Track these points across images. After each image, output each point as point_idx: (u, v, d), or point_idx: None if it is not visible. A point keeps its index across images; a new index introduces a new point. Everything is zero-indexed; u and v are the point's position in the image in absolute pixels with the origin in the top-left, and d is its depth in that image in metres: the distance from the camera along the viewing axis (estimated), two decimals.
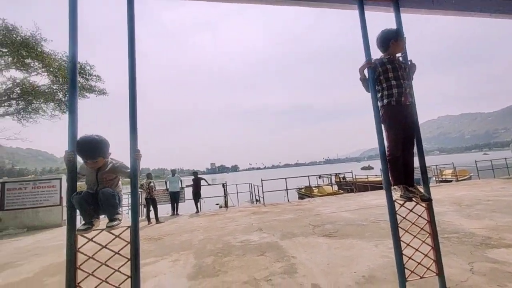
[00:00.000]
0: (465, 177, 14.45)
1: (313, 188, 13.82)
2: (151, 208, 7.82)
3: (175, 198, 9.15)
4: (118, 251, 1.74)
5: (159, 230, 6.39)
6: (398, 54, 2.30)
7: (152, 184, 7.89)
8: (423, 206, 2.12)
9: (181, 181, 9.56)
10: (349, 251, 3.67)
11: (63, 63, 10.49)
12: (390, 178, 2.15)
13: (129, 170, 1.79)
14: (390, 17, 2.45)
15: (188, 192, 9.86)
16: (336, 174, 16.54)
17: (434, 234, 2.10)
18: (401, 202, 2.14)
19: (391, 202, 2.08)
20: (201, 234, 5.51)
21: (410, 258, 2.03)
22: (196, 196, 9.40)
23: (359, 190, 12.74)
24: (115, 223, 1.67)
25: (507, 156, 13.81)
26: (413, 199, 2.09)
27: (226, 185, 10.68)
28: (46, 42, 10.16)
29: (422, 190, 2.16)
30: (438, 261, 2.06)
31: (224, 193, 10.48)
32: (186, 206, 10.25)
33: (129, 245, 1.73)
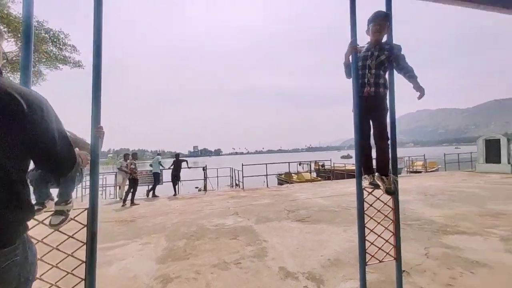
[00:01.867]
0: (433, 169, 15.40)
1: (293, 175, 14.11)
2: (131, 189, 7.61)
3: (156, 178, 9.02)
4: (73, 234, 1.64)
5: (133, 212, 6.25)
6: (384, 39, 2.17)
7: (133, 165, 7.62)
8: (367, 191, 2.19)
9: (160, 163, 9.35)
10: (319, 235, 3.80)
11: (35, 30, 9.52)
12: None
13: (88, 147, 1.64)
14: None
15: (167, 174, 9.68)
16: (315, 162, 16.96)
17: (396, 221, 2.18)
18: (370, 190, 2.20)
19: (359, 190, 2.12)
20: (176, 217, 5.46)
21: (372, 243, 2.12)
22: (175, 179, 9.26)
23: (336, 177, 13.19)
24: (64, 206, 1.55)
25: (474, 150, 14.84)
26: (381, 188, 2.15)
27: (206, 168, 10.60)
28: (14, 4, 9.13)
29: (390, 182, 2.20)
30: (397, 246, 2.17)
31: (204, 177, 10.42)
32: (165, 188, 10.12)
33: (85, 228, 1.63)
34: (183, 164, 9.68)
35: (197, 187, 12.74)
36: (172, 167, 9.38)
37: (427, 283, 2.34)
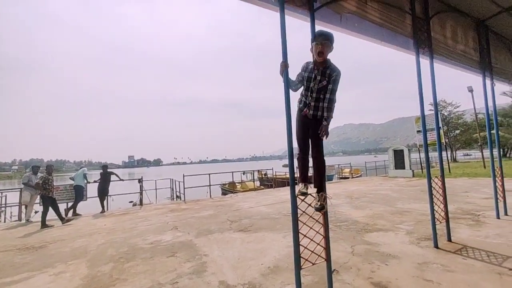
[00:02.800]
0: (358, 175, 17.73)
1: (236, 184, 14.14)
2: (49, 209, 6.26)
3: (79, 194, 7.73)
4: None
5: (44, 236, 5.15)
6: (334, 62, 2.20)
7: (45, 180, 6.28)
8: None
9: (85, 176, 8.06)
10: (260, 244, 3.86)
11: None
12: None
13: None
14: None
15: (93, 189, 8.39)
16: (259, 171, 17.45)
17: (325, 225, 2.39)
18: (302, 198, 2.35)
19: (293, 197, 2.25)
20: (103, 237, 4.74)
21: (305, 247, 2.25)
22: (102, 193, 8.10)
23: (278, 185, 13.82)
24: None
25: (386, 159, 17.82)
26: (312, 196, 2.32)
27: (142, 180, 9.66)
28: None
29: (321, 200, 2.30)
30: (327, 248, 2.36)
31: (140, 190, 9.45)
32: (91, 204, 8.73)
33: None
34: (113, 177, 8.59)
35: (131, 202, 11.45)
36: (99, 180, 8.20)
37: (353, 278, 2.61)
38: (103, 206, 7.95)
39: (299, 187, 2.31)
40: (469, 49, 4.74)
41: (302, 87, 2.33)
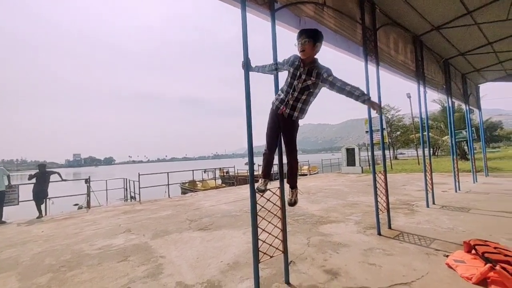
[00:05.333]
0: (315, 172, 18.83)
1: (197, 182, 13.78)
2: None
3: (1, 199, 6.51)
4: None
5: None
6: (323, 63, 2.14)
7: None
8: (277, 195, 2.47)
9: (8, 177, 6.88)
10: (220, 241, 3.83)
11: None
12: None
13: None
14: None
15: (26, 192, 7.26)
16: (220, 169, 17.27)
17: (283, 219, 2.49)
18: (261, 194, 2.41)
19: (253, 192, 2.29)
20: (39, 245, 4.17)
21: (264, 241, 2.31)
22: (40, 196, 7.09)
23: (240, 183, 13.87)
24: None
25: (340, 156, 19.32)
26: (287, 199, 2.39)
27: (89, 180, 8.73)
28: None
29: (294, 195, 2.41)
30: (284, 241, 2.46)
31: (88, 191, 8.52)
32: (25, 209, 7.54)
33: None
34: (53, 177, 7.58)
35: (76, 204, 10.29)
36: (34, 181, 7.14)
37: (308, 268, 2.77)
38: (39, 211, 6.96)
39: (259, 183, 2.36)
40: (407, 59, 5.40)
41: (284, 84, 2.22)
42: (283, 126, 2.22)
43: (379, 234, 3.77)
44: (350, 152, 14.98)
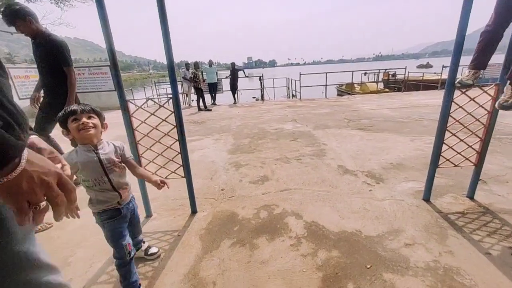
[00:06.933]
0: None
1: (355, 85, 12.85)
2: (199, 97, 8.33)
3: (213, 88, 9.50)
4: (165, 118, 1.94)
5: (201, 116, 7.03)
6: None
7: (196, 74, 8.04)
8: (489, 95, 1.81)
9: (216, 73, 9.57)
10: (382, 143, 3.69)
11: None
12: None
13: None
14: None
15: (226, 84, 10.03)
16: (385, 71, 14.76)
17: (490, 127, 1.89)
18: (463, 90, 1.84)
19: (449, 89, 1.80)
20: (239, 121, 5.94)
21: (450, 147, 1.95)
22: (233, 88, 9.57)
23: (409, 89, 11.50)
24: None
25: None
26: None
27: (262, 78, 10.46)
28: None
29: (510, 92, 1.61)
30: (482, 153, 1.95)
31: (261, 86, 10.43)
32: (224, 97, 10.73)
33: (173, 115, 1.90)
34: (240, 74, 9.70)
35: (254, 97, 13.09)
36: (229, 76, 9.53)
37: (507, 192, 2.18)
38: (234, 98, 9.57)
39: (464, 74, 1.78)
40: None
41: None
42: None
43: None
44: None
